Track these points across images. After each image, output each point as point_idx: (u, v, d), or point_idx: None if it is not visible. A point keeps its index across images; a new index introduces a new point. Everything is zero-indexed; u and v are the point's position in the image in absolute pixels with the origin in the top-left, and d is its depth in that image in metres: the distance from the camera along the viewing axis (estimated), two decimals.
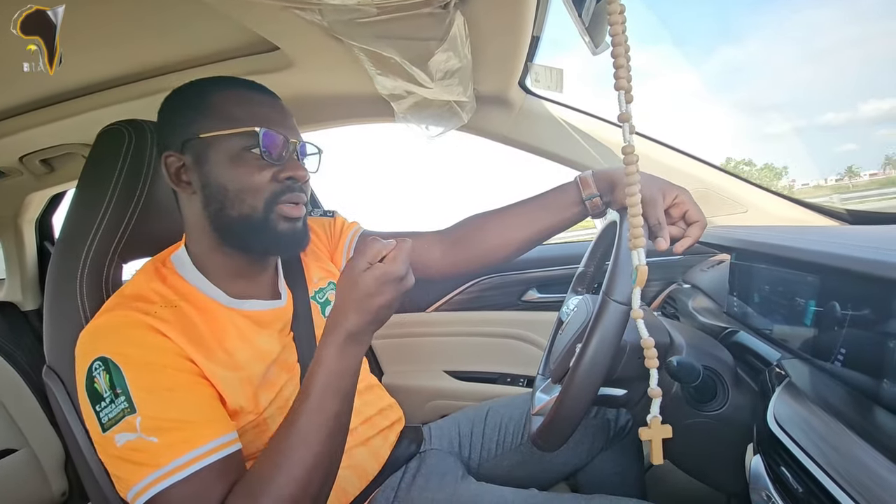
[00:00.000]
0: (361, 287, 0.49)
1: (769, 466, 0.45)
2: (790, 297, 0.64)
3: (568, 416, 0.56)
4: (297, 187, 0.61)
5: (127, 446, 0.48)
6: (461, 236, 0.79)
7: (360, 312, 0.49)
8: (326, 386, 0.50)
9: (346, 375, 0.51)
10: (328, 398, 0.50)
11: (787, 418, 0.45)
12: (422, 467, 0.77)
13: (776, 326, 0.68)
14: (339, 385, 0.50)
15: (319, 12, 0.59)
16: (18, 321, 1.50)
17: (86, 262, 0.71)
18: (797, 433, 0.42)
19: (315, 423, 0.49)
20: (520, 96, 1.06)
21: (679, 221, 0.66)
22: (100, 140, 0.76)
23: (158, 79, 0.93)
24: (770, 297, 0.71)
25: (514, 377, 1.34)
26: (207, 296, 0.61)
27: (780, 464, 0.42)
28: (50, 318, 0.71)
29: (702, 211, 0.66)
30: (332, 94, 1.05)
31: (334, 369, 0.50)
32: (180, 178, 0.60)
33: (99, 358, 0.50)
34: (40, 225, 1.54)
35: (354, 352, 0.51)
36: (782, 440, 0.43)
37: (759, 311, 0.74)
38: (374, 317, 0.50)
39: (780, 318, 0.67)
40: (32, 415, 1.27)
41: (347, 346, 0.50)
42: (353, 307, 0.49)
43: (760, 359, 0.66)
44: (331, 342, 0.50)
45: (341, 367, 0.50)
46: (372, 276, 0.49)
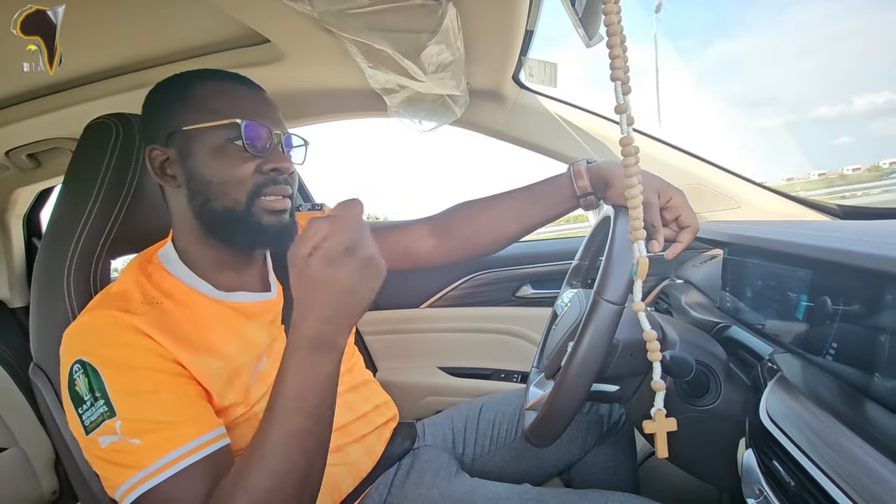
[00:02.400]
0: (309, 276, 0.40)
1: (761, 461, 0.45)
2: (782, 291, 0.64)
3: (560, 414, 0.56)
4: (282, 179, 0.60)
5: (110, 448, 0.47)
6: (452, 226, 0.78)
7: (318, 311, 0.42)
8: (289, 401, 0.44)
9: (313, 391, 0.44)
10: (292, 415, 0.44)
11: (779, 412, 0.45)
12: (415, 463, 0.77)
13: (768, 321, 0.68)
14: (303, 403, 0.44)
15: (310, 2, 0.58)
16: (6, 318, 1.48)
17: (73, 258, 0.70)
18: (789, 427, 0.42)
19: (278, 438, 0.44)
20: (513, 91, 1.06)
21: (672, 224, 0.66)
22: (86, 134, 0.74)
23: (146, 72, 0.91)
24: (762, 292, 0.71)
25: (508, 373, 1.34)
26: (194, 289, 0.60)
27: (771, 458, 0.42)
28: (36, 315, 0.70)
29: (695, 215, 0.66)
30: (324, 87, 1.04)
31: (296, 384, 0.43)
32: (165, 172, 0.60)
33: (78, 360, 0.49)
34: (28, 220, 1.51)
35: (321, 362, 0.43)
36: (774, 434, 0.43)
37: (751, 305, 0.74)
38: (334, 311, 0.42)
39: (773, 313, 0.67)
40: (22, 413, 1.25)
41: (312, 355, 0.43)
42: (309, 306, 0.42)
43: (753, 353, 0.66)
44: (290, 353, 0.44)
45: (304, 381, 0.43)
46: (316, 259, 0.40)
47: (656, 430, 0.53)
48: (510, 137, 1.12)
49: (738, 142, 47.89)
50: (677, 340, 0.64)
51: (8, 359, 1.26)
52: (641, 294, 0.51)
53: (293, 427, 0.44)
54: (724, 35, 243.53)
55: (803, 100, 39.40)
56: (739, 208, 1.03)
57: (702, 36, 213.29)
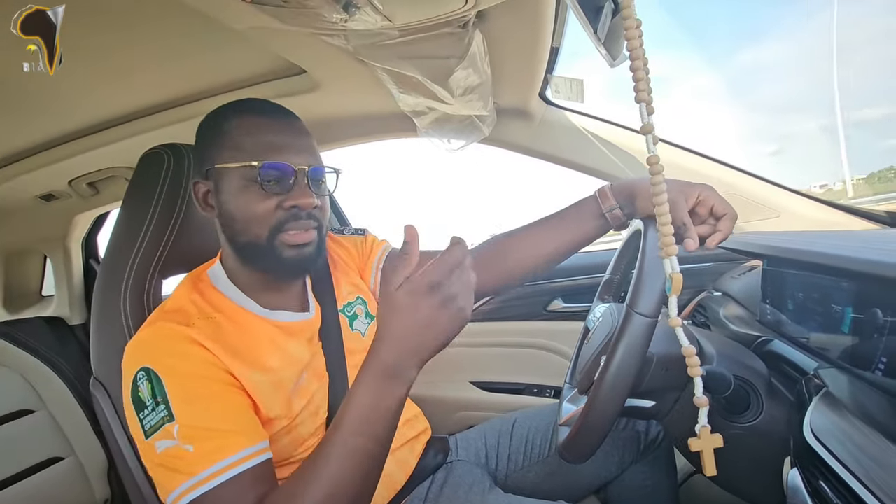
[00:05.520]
0: (393, 305, 0.45)
1: (807, 480, 0.43)
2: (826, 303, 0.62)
3: (594, 429, 0.56)
4: (303, 215, 0.61)
5: (166, 453, 0.50)
6: (489, 257, 0.79)
7: (395, 339, 0.45)
8: (355, 420, 0.47)
9: (377, 415, 0.46)
10: (357, 436, 0.47)
11: (825, 429, 0.44)
12: (449, 478, 0.77)
13: (812, 334, 0.66)
14: (368, 427, 0.46)
15: (345, 37, 0.62)
16: (66, 335, 1.58)
17: (129, 278, 0.76)
18: (835, 445, 0.41)
19: (339, 453, 0.47)
20: (540, 107, 1.07)
21: (708, 219, 0.65)
22: (141, 163, 0.81)
23: (194, 104, 0.98)
24: (805, 305, 0.68)
25: (540, 388, 1.32)
26: (241, 306, 0.64)
27: (818, 477, 0.41)
28: (97, 332, 0.76)
29: (728, 203, 0.65)
30: (357, 112, 1.09)
31: (365, 408, 0.47)
32: (207, 203, 0.64)
33: (143, 368, 0.53)
34: (86, 244, 1.63)
35: (391, 391, 0.46)
36: (819, 452, 0.41)
37: (793, 318, 0.71)
38: (413, 344, 0.45)
39: (816, 326, 0.64)
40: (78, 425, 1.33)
41: (383, 382, 0.46)
42: (388, 333, 0.46)
43: (796, 368, 0.64)
44: (363, 377, 0.47)
45: (373, 405, 0.46)
46: (402, 290, 0.45)
47: (703, 447, 0.51)
48: (538, 153, 1.13)
49: (771, 148, 43.70)
50: (714, 355, 0.62)
51: (67, 373, 1.35)
52: (677, 308, 0.51)
53: (354, 446, 0.47)
54: (752, 39, 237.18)
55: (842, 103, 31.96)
56: (779, 217, 1.00)
57: (730, 40, 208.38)
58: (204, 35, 0.76)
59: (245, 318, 0.63)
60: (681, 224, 0.62)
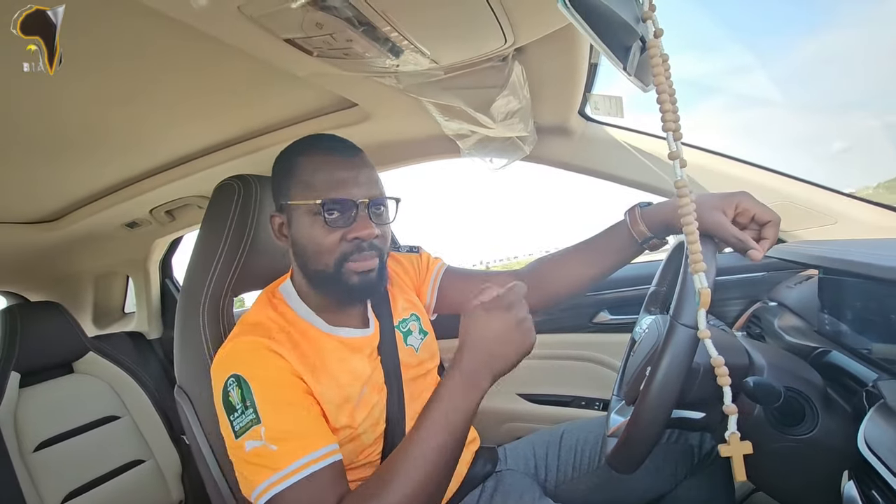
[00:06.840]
0: (474, 319, 0.55)
1: (862, 491, 0.43)
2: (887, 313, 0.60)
3: (640, 439, 0.57)
4: (366, 245, 0.66)
5: (253, 452, 0.56)
6: (538, 280, 0.83)
7: (473, 351, 0.54)
8: (438, 418, 0.54)
9: (459, 412, 0.54)
10: (437, 430, 0.53)
11: (879, 441, 0.43)
12: (499, 486, 0.80)
13: (874, 345, 0.64)
14: (448, 420, 0.54)
15: (396, 78, 0.68)
16: (146, 348, 1.75)
17: (206, 298, 0.84)
18: (887, 456, 0.41)
19: (422, 450, 0.53)
20: (580, 124, 1.09)
21: (751, 224, 0.65)
22: (216, 193, 0.90)
23: (258, 138, 1.08)
24: (865, 314, 0.66)
25: (588, 400, 1.32)
26: (310, 323, 0.70)
27: (871, 488, 0.41)
28: (180, 346, 0.84)
29: (768, 208, 0.65)
30: (404, 137, 1.16)
31: (447, 405, 0.54)
32: (282, 234, 0.71)
33: (233, 375, 0.60)
34: (162, 265, 1.80)
35: (468, 393, 0.54)
36: (872, 463, 0.41)
37: (853, 328, 0.69)
38: (486, 354, 0.54)
39: (877, 337, 0.63)
40: (157, 430, 1.46)
41: (462, 385, 0.54)
42: (468, 346, 0.55)
43: (855, 380, 0.62)
44: (447, 381, 0.55)
45: (454, 403, 0.54)
46: (484, 308, 0.55)
47: (732, 453, 0.53)
48: (579, 167, 1.15)
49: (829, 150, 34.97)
50: (765, 366, 0.62)
51: (147, 383, 1.48)
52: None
53: (438, 442, 0.53)
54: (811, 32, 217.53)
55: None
56: (836, 224, 0.96)
57: (789, 34, 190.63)
58: (269, 79, 0.84)
59: (314, 333, 0.69)
60: (734, 240, 0.63)
